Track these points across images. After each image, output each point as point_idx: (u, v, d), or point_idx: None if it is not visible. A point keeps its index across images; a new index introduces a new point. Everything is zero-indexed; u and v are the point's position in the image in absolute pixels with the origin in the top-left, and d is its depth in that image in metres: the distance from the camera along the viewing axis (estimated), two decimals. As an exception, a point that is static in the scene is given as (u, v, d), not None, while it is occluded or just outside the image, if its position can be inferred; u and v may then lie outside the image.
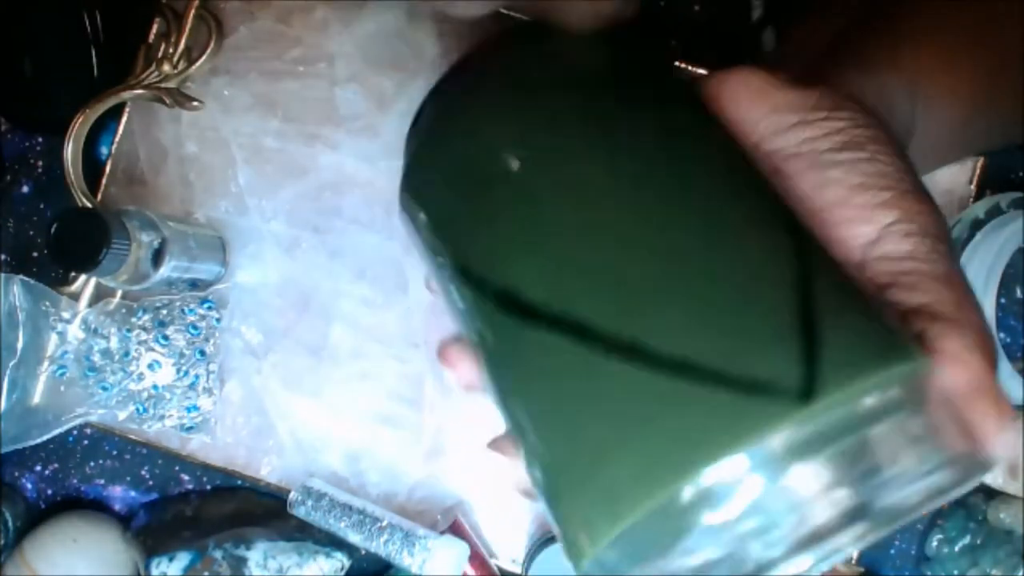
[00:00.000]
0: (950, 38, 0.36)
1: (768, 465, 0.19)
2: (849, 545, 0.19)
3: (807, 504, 0.19)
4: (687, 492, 0.19)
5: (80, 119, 0.51)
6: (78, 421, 0.53)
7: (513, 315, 0.23)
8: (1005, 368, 0.48)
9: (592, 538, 0.21)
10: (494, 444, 0.28)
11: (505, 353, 0.23)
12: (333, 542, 0.53)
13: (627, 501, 0.19)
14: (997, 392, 0.24)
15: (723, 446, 0.19)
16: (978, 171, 0.51)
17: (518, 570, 0.52)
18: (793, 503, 0.19)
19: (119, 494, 0.56)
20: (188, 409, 0.53)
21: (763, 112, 0.31)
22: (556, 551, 0.50)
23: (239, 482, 0.54)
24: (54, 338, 0.52)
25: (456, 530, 0.51)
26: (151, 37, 0.52)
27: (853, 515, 0.19)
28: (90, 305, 0.53)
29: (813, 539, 0.19)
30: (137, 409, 0.53)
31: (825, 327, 0.20)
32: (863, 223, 0.28)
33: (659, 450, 0.19)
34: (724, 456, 0.19)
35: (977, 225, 0.49)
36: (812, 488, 0.19)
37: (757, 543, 0.19)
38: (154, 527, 0.53)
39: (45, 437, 0.53)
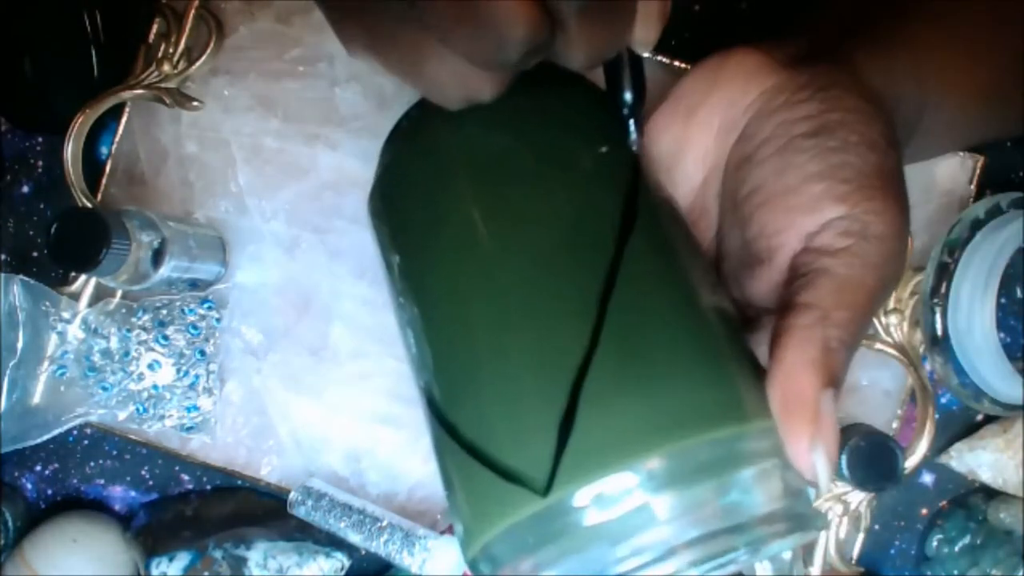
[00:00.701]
0: (966, 21, 0.35)
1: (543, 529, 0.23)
2: None
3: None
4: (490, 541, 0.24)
5: (80, 119, 0.51)
6: (78, 421, 0.53)
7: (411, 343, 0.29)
8: (1005, 368, 0.48)
9: (465, 543, 0.26)
10: None
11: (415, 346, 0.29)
12: (333, 542, 0.53)
13: (475, 528, 0.25)
14: (817, 408, 0.24)
15: (492, 518, 0.24)
16: (978, 171, 0.51)
17: (518, 570, 0.52)
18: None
19: (119, 494, 0.56)
20: (188, 409, 0.53)
21: (755, 94, 0.31)
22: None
23: (239, 482, 0.54)
24: (54, 338, 0.52)
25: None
26: (151, 37, 0.52)
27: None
28: (90, 305, 0.53)
29: None
30: (137, 409, 0.52)
31: (585, 422, 0.23)
32: (809, 212, 0.28)
33: (470, 505, 0.25)
34: (498, 526, 0.23)
35: (977, 225, 0.49)
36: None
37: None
38: (154, 527, 0.53)
39: (45, 437, 0.53)
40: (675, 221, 0.29)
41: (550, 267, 0.25)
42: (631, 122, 0.27)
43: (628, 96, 0.27)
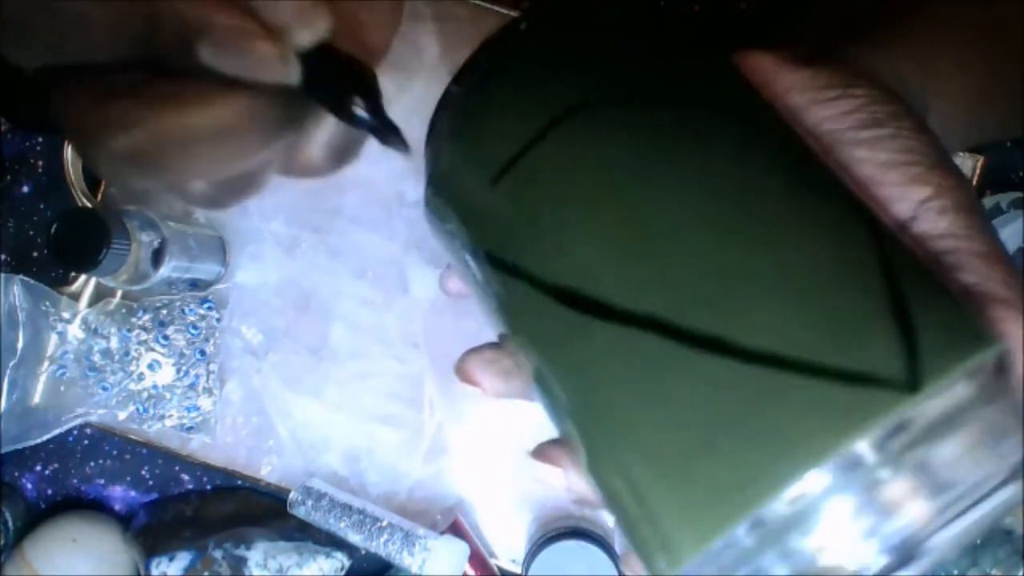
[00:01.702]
0: (962, 24, 0.35)
1: (866, 464, 0.18)
2: (937, 551, 0.19)
3: (901, 507, 0.18)
4: (791, 491, 0.18)
5: (80, 119, 0.51)
6: (78, 421, 0.53)
7: (578, 312, 0.21)
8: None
9: (697, 538, 0.19)
10: (540, 453, 0.26)
11: (566, 354, 0.21)
12: (333, 542, 0.53)
13: (732, 503, 0.18)
14: None
15: (832, 439, 0.18)
16: (978, 171, 0.51)
17: (518, 570, 0.52)
18: (887, 505, 0.18)
19: (119, 494, 0.56)
20: (188, 409, 0.53)
21: (775, 94, 0.31)
22: (556, 551, 0.50)
23: (239, 482, 0.54)
24: (54, 338, 0.52)
25: (456, 530, 0.51)
26: (151, 37, 0.52)
27: (942, 519, 0.18)
28: (90, 305, 0.53)
29: (909, 543, 0.18)
30: (137, 409, 0.53)
31: (916, 313, 0.19)
32: (897, 201, 0.27)
33: (765, 447, 0.18)
34: (833, 449, 0.18)
35: (977, 225, 0.49)
36: (905, 490, 0.18)
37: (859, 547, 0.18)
38: (154, 527, 0.53)
39: (45, 437, 0.53)
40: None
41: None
42: (387, 135, 0.21)
43: (359, 110, 0.21)
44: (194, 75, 0.20)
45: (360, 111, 0.21)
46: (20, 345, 0.51)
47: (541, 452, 0.27)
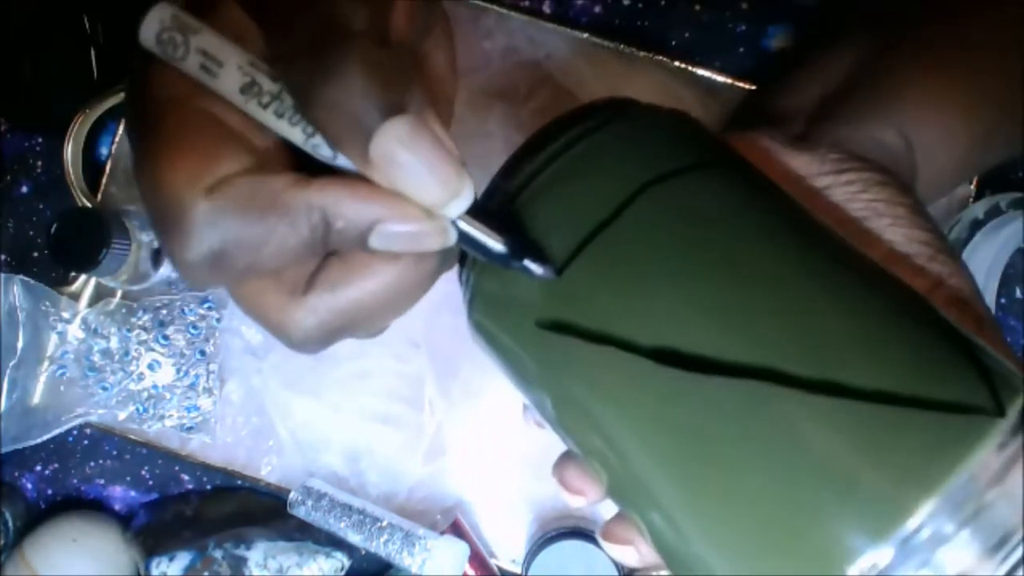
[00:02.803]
0: (947, 103, 0.35)
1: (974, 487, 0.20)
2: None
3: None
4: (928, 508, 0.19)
5: (80, 119, 0.51)
6: (78, 421, 0.53)
7: (680, 371, 0.21)
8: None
9: (895, 515, 0.20)
10: (609, 535, 0.27)
11: (668, 414, 0.22)
12: (333, 542, 0.53)
13: (877, 527, 0.20)
14: None
15: (953, 462, 0.19)
16: (978, 171, 0.51)
17: (518, 570, 0.52)
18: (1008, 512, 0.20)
19: (119, 494, 0.56)
20: (188, 409, 0.53)
21: (775, 177, 0.31)
22: (556, 551, 0.50)
23: (239, 482, 0.54)
24: (54, 338, 0.52)
25: (456, 530, 0.51)
26: (151, 37, 0.52)
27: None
28: (90, 305, 0.53)
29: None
30: (137, 409, 0.53)
31: (977, 351, 0.21)
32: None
33: (894, 474, 0.20)
34: (958, 471, 0.19)
35: (977, 225, 0.49)
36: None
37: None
38: (154, 527, 0.53)
39: (45, 437, 0.53)
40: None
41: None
42: (525, 263, 0.23)
43: (496, 246, 0.22)
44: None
45: (494, 245, 0.22)
46: (20, 345, 0.51)
47: (609, 535, 0.27)
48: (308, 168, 0.21)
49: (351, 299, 0.22)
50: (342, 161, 0.21)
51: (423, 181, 0.20)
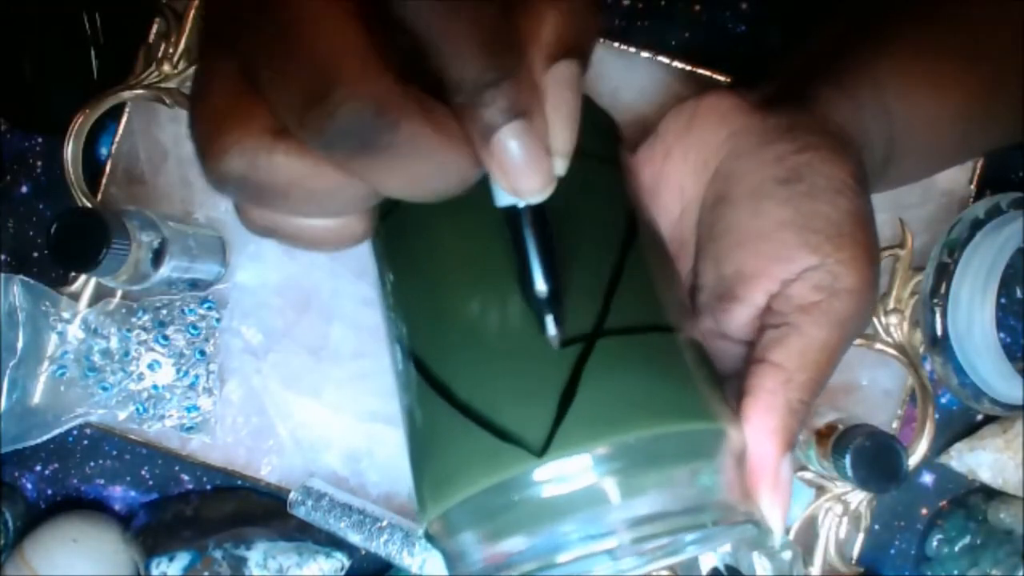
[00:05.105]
0: (936, 56, 0.35)
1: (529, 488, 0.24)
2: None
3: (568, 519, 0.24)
4: (488, 492, 0.24)
5: (80, 119, 0.51)
6: (78, 421, 0.53)
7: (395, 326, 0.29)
8: (1005, 368, 0.48)
9: (432, 502, 0.27)
10: None
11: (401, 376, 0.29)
12: (333, 542, 0.53)
13: (445, 492, 0.26)
14: (777, 474, 0.27)
15: (480, 476, 0.24)
16: (978, 171, 0.51)
17: (518, 570, 0.52)
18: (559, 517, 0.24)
19: (119, 494, 0.56)
20: (188, 409, 0.53)
21: (727, 134, 0.32)
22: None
23: (239, 482, 0.54)
24: (54, 338, 0.52)
25: (456, 530, 0.51)
26: (151, 37, 0.52)
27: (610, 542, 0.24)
28: (90, 305, 0.53)
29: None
30: (137, 409, 0.52)
31: (582, 397, 0.24)
32: (784, 261, 0.29)
33: (451, 466, 0.26)
34: (483, 483, 0.24)
35: (977, 225, 0.49)
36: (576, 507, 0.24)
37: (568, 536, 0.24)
38: (154, 527, 0.53)
39: (45, 437, 0.53)
40: (660, 242, 0.31)
41: (565, 252, 0.26)
42: (549, 317, 0.25)
43: (543, 286, 0.24)
44: None
45: (543, 286, 0.24)
46: (20, 345, 0.51)
47: None
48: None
49: (313, 172, 0.19)
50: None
51: (565, 120, 0.21)
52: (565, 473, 0.24)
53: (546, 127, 0.20)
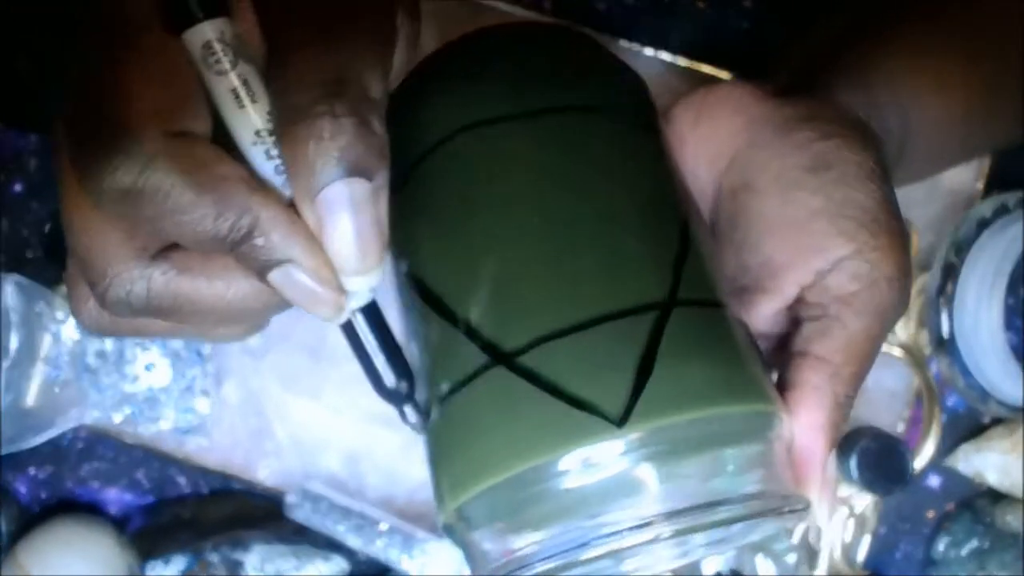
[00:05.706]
0: (942, 54, 0.35)
1: (598, 464, 0.23)
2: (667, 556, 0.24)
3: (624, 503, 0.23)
4: (527, 474, 0.23)
5: (75, 117, 0.50)
6: (73, 423, 0.52)
7: (424, 301, 0.26)
8: (1012, 369, 0.48)
9: (455, 494, 0.25)
10: None
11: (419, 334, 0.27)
12: (331, 545, 0.53)
13: (484, 473, 0.23)
14: (824, 470, 0.27)
15: (549, 448, 0.23)
16: (984, 170, 0.51)
17: (519, 574, 0.52)
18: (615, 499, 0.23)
19: (114, 497, 0.55)
20: (184, 411, 0.52)
21: (742, 124, 0.31)
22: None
23: (236, 485, 0.54)
24: (48, 339, 0.52)
25: (456, 533, 0.51)
26: (147, 34, 0.52)
27: (666, 522, 0.22)
28: (85, 306, 0.52)
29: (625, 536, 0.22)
30: (133, 411, 0.52)
31: (661, 366, 0.23)
32: (818, 251, 0.28)
33: (516, 436, 0.23)
34: (551, 455, 0.22)
35: (984, 224, 0.49)
36: (633, 489, 0.23)
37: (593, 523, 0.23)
38: (150, 530, 0.52)
39: (40, 440, 0.52)
40: (702, 215, 0.30)
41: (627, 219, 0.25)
42: (408, 406, 0.25)
43: (393, 382, 0.25)
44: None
45: (393, 381, 0.25)
46: (14, 347, 0.51)
47: None
48: None
49: (193, 289, 0.22)
50: (280, 182, 0.22)
51: (347, 244, 0.21)
52: (642, 444, 0.23)
53: (321, 257, 0.21)
